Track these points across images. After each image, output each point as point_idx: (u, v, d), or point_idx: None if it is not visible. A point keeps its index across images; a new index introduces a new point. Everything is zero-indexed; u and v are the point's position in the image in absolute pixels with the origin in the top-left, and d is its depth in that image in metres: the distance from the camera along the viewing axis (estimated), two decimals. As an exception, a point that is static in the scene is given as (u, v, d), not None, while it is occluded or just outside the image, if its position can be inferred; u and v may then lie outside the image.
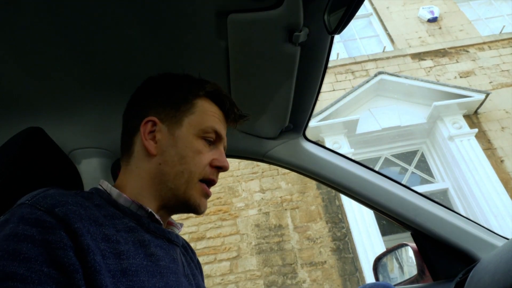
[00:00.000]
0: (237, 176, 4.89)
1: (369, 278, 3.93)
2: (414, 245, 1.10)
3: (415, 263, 1.09)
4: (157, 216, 0.63)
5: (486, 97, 4.82)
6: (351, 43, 6.48)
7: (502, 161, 4.66)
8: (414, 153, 5.16)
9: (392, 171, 5.07)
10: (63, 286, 0.44)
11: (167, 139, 0.67)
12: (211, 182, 0.69)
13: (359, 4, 0.55)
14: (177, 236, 0.69)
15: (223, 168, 0.70)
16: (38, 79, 0.83)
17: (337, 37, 6.08)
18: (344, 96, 5.04)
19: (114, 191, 0.63)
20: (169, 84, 0.72)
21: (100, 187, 0.65)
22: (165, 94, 0.70)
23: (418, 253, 1.08)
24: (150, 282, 0.53)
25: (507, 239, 0.97)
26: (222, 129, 0.71)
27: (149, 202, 0.65)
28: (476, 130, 4.75)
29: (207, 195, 0.68)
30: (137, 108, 0.71)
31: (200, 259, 4.41)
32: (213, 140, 0.69)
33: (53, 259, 0.45)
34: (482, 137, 4.82)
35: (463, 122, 4.83)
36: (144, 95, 0.72)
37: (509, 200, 4.24)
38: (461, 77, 5.46)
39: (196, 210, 0.67)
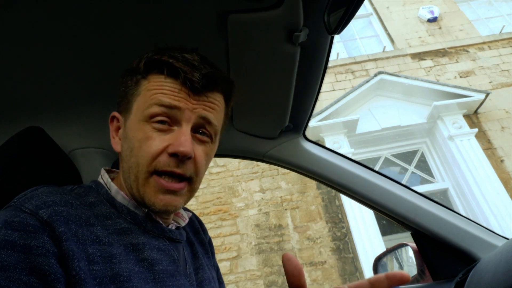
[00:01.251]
0: (237, 176, 4.89)
1: (369, 278, 3.92)
2: (414, 245, 1.10)
3: (415, 263, 1.09)
4: (154, 216, 0.60)
5: (486, 97, 4.82)
6: (351, 43, 6.48)
7: (502, 161, 4.66)
8: (414, 153, 5.16)
9: (392, 171, 5.07)
10: None
11: (123, 132, 0.61)
12: (170, 174, 0.56)
13: (359, 4, 0.55)
14: (180, 232, 0.64)
15: (179, 155, 0.55)
16: (38, 79, 0.83)
17: (337, 37, 6.08)
18: (344, 96, 5.04)
19: (113, 187, 0.60)
20: (126, 70, 0.63)
21: (101, 180, 0.62)
22: (122, 84, 0.62)
23: (418, 253, 1.08)
24: None
25: (507, 239, 0.97)
26: (175, 101, 0.56)
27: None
28: (476, 130, 4.75)
29: (164, 190, 0.56)
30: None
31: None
32: (167, 120, 0.56)
33: (34, 266, 0.43)
34: (482, 137, 4.82)
35: (463, 122, 4.83)
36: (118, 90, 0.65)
37: (509, 200, 4.24)
38: (461, 77, 5.46)
39: (154, 210, 0.57)
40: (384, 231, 4.56)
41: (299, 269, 0.47)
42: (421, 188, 4.75)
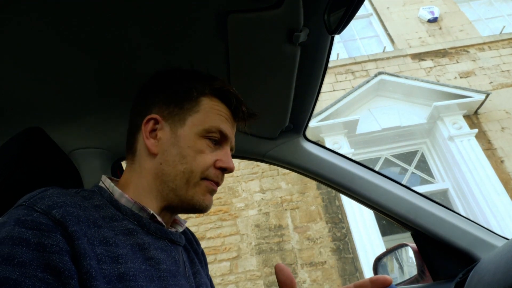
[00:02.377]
0: (237, 176, 4.89)
1: (369, 278, 3.92)
2: (414, 245, 1.10)
3: (415, 263, 1.09)
4: (158, 218, 0.62)
5: (486, 97, 4.82)
6: (351, 43, 6.48)
7: (502, 161, 4.66)
8: (414, 153, 5.16)
9: (392, 171, 5.07)
10: None
11: (169, 138, 0.65)
12: (214, 183, 0.67)
13: (359, 4, 0.55)
14: (180, 236, 0.67)
15: (227, 170, 0.67)
16: (38, 79, 0.83)
17: (337, 37, 6.09)
18: (344, 96, 5.05)
19: (116, 191, 0.62)
20: (174, 80, 0.69)
21: (102, 185, 0.64)
22: (170, 91, 0.68)
23: (418, 253, 1.08)
24: (148, 287, 0.51)
25: (507, 239, 0.97)
26: (228, 128, 0.69)
27: (152, 202, 0.63)
28: (476, 130, 4.75)
29: (212, 190, 0.66)
30: (141, 105, 0.69)
31: (200, 259, 4.36)
32: (217, 139, 0.67)
33: (48, 263, 0.44)
34: (482, 138, 4.82)
35: (463, 123, 4.83)
36: (148, 92, 0.70)
37: (509, 200, 4.24)
38: (461, 77, 5.46)
39: (201, 208, 0.65)
40: (384, 232, 4.56)
41: (291, 279, 0.53)
42: (421, 189, 4.75)
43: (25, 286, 0.41)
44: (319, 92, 0.93)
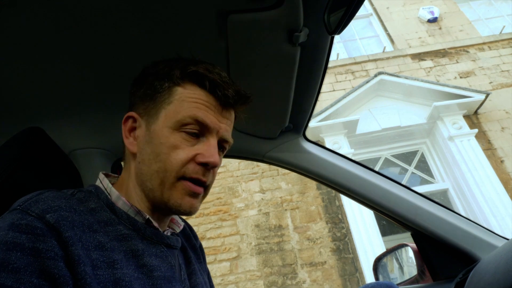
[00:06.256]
0: (237, 176, 4.89)
1: (369, 278, 3.93)
2: (414, 245, 1.10)
3: (415, 263, 1.09)
4: (154, 223, 0.60)
5: (486, 97, 4.82)
6: (351, 43, 6.48)
7: (502, 161, 4.66)
8: (414, 153, 5.16)
9: (392, 172, 5.06)
10: None
11: (144, 135, 0.62)
12: (197, 182, 0.60)
13: (359, 4, 0.55)
14: (177, 239, 0.66)
15: (209, 164, 0.59)
16: (38, 79, 0.83)
17: (337, 37, 6.08)
18: (344, 97, 5.04)
19: (113, 193, 0.61)
20: (153, 72, 0.64)
21: (100, 185, 0.63)
22: (145, 85, 0.64)
23: (418, 253, 1.08)
24: None
25: (507, 239, 0.97)
26: (209, 117, 0.60)
27: (140, 203, 0.62)
28: (476, 130, 4.75)
29: (192, 193, 0.59)
30: (129, 104, 0.67)
31: (200, 260, 4.36)
32: (197, 131, 0.60)
33: (43, 269, 0.43)
34: (482, 138, 4.82)
35: (463, 123, 4.83)
36: (132, 90, 0.67)
37: (509, 200, 4.23)
38: (461, 77, 5.46)
39: (179, 211, 0.59)
40: (384, 232, 4.56)
41: None
42: (421, 189, 4.74)
43: None
44: (319, 92, 0.93)
